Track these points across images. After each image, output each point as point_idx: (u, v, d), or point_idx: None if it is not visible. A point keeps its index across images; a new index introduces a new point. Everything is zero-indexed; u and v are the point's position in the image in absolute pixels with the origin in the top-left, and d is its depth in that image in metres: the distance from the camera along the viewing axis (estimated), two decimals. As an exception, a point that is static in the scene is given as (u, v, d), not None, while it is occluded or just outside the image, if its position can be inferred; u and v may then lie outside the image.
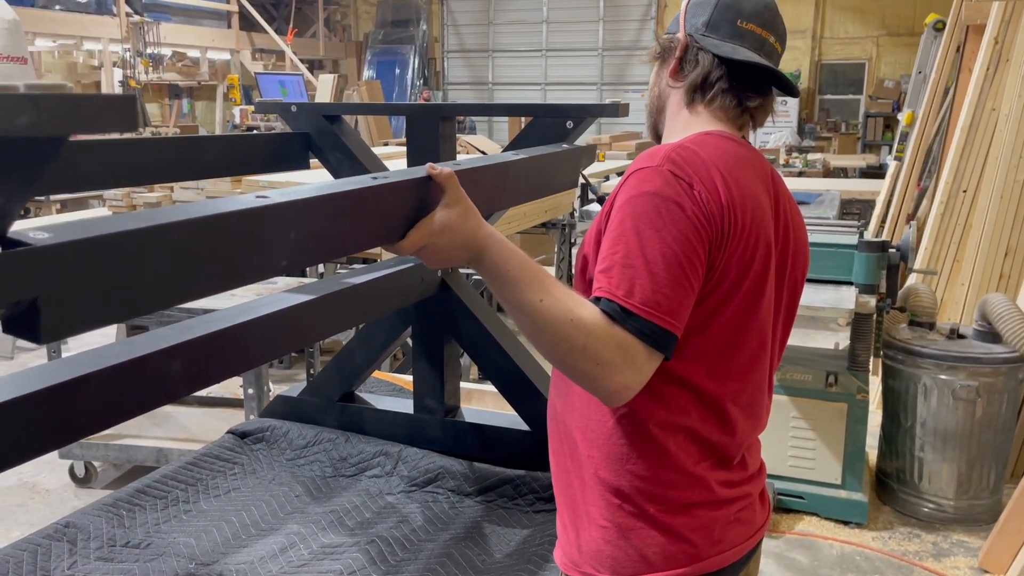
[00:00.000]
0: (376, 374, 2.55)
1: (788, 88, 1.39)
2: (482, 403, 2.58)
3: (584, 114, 1.82)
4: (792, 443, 3.59)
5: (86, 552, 1.67)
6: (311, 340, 1.55)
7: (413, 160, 1.91)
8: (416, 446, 2.07)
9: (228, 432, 2.20)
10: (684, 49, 1.38)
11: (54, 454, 3.86)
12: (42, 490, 3.92)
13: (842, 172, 11.23)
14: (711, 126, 1.36)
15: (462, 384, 2.28)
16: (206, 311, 1.45)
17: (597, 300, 1.17)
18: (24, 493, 3.89)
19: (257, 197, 0.97)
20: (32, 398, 0.99)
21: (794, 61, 14.31)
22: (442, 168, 1.24)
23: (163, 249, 0.87)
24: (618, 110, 1.81)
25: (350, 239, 1.15)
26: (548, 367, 1.45)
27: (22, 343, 5.71)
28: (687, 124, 1.38)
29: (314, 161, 2.14)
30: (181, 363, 1.24)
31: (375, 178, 1.17)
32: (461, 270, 2.26)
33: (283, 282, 3.93)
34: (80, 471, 3.94)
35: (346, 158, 2.00)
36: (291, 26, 14.62)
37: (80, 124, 0.70)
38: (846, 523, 3.55)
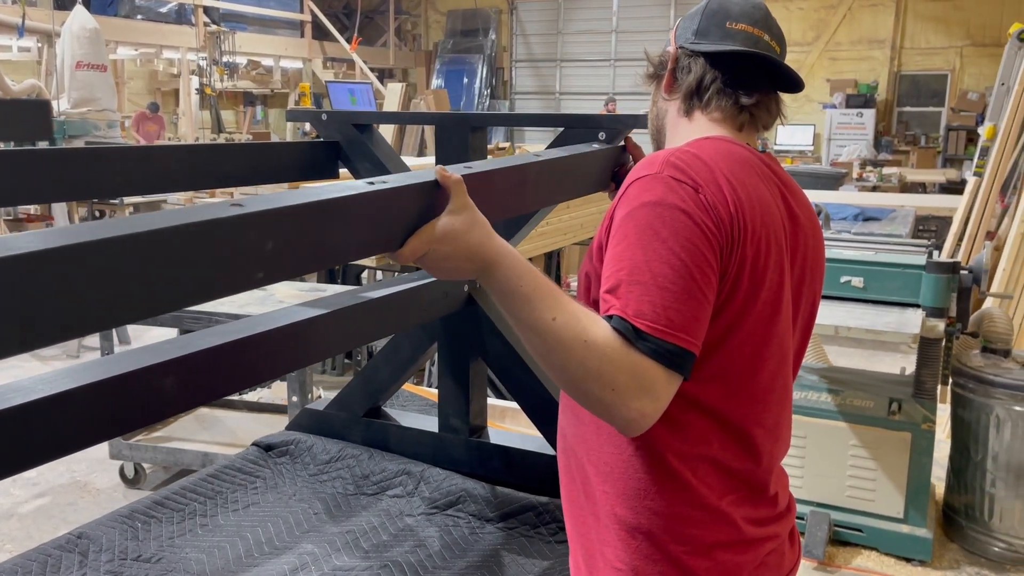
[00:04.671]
0: (408, 387, 2.50)
1: (789, 80, 1.31)
2: (515, 422, 2.50)
3: (617, 125, 1.73)
4: (851, 472, 3.40)
5: (96, 564, 1.65)
6: (320, 356, 1.50)
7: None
8: (440, 466, 2.00)
9: (253, 444, 2.16)
10: (675, 60, 1.34)
11: (105, 454, 3.93)
12: (93, 489, 3.99)
13: (920, 187, 10.81)
14: (711, 132, 1.29)
15: (496, 402, 2.21)
16: (244, 316, 1.42)
17: (609, 319, 1.08)
18: (76, 491, 3.96)
19: (232, 205, 0.92)
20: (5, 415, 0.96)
21: (872, 72, 13.86)
22: (451, 173, 1.17)
23: (106, 264, 0.81)
24: (652, 121, 1.71)
25: (342, 248, 1.09)
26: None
27: (87, 341, 5.86)
28: (687, 133, 1.31)
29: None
30: (174, 379, 1.20)
31: (371, 183, 1.11)
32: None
33: (332, 289, 3.93)
34: (130, 472, 4.00)
35: (375, 168, 1.95)
36: (356, 35, 14.81)
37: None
38: (908, 560, 3.34)
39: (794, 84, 1.32)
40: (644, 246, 1.09)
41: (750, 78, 1.30)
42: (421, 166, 4.26)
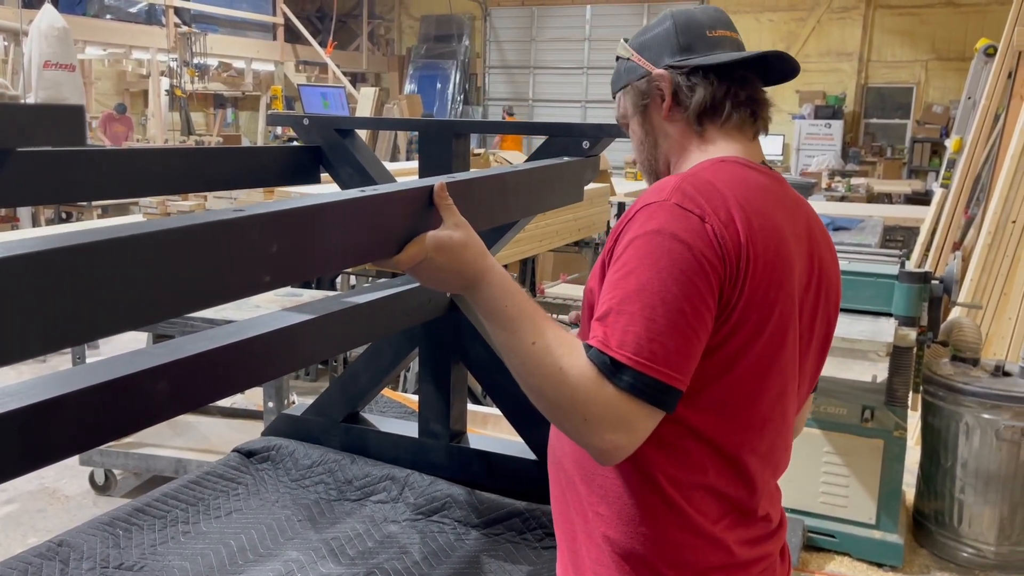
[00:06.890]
0: (387, 392, 2.49)
1: (784, 68, 1.28)
2: (498, 429, 2.50)
3: (601, 134, 1.74)
4: (824, 479, 3.45)
5: (77, 572, 1.62)
6: (309, 361, 1.50)
7: (425, 177, 1.85)
8: (420, 471, 2.00)
9: (234, 451, 2.14)
10: (671, 83, 1.27)
11: (75, 460, 3.86)
12: (62, 496, 3.92)
13: (886, 198, 10.99)
14: (727, 150, 1.25)
15: (479, 408, 2.21)
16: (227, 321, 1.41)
17: (588, 349, 1.07)
18: (44, 498, 3.89)
19: (234, 211, 0.92)
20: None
21: (839, 84, 14.08)
22: (446, 194, 1.18)
23: (121, 266, 0.81)
24: (639, 130, 1.72)
25: (341, 252, 1.09)
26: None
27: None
28: (699, 153, 1.27)
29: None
30: (167, 384, 1.19)
31: (363, 191, 1.12)
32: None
33: (308, 294, 3.91)
34: (100, 479, 3.93)
35: (357, 173, 1.95)
36: (331, 38, 14.75)
37: (20, 137, 0.64)
38: (880, 565, 3.39)
39: (792, 71, 1.28)
40: (639, 276, 1.07)
41: (750, 84, 1.27)
42: (396, 171, 4.26)
